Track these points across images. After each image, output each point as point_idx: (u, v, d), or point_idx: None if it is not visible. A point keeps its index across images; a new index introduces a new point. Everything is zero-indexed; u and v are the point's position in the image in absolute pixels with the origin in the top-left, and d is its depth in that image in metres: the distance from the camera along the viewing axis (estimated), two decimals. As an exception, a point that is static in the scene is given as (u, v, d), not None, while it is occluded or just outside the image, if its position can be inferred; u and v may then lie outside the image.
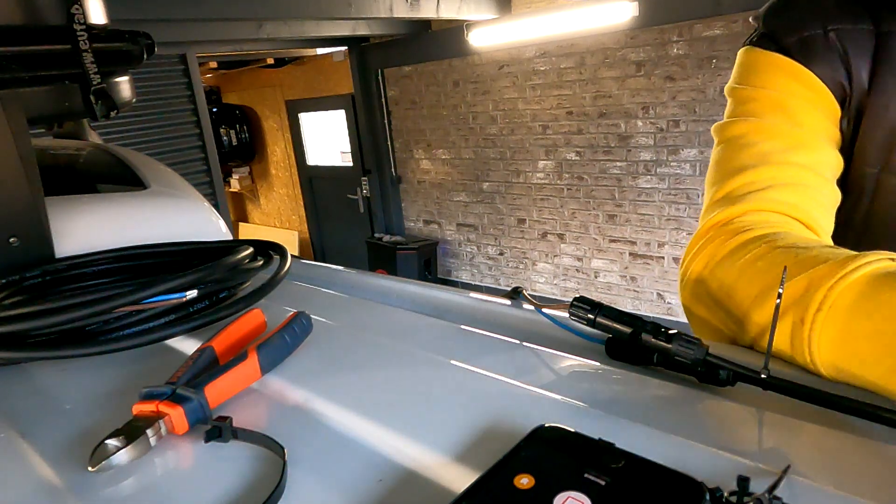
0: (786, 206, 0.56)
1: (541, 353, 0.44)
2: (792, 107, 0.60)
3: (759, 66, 0.63)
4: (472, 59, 4.49)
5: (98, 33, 0.55)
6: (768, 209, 0.56)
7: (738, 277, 0.48)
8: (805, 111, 0.60)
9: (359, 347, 0.47)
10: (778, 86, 0.61)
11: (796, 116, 0.60)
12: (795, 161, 0.58)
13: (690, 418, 0.35)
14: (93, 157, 0.94)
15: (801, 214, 0.56)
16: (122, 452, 0.32)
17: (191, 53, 4.09)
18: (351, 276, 0.72)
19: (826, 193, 0.59)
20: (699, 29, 3.40)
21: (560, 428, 0.30)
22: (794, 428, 0.32)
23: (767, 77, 0.62)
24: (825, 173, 0.59)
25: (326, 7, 3.31)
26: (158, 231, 0.69)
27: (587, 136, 4.08)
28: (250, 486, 0.31)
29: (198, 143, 4.25)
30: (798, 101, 0.61)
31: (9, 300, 0.52)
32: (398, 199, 5.60)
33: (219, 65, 6.20)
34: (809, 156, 0.59)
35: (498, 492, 0.26)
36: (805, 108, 0.60)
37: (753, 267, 0.48)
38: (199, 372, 0.39)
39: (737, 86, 0.64)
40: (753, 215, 0.55)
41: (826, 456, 0.30)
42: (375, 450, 0.33)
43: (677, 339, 0.38)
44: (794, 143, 0.59)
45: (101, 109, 0.55)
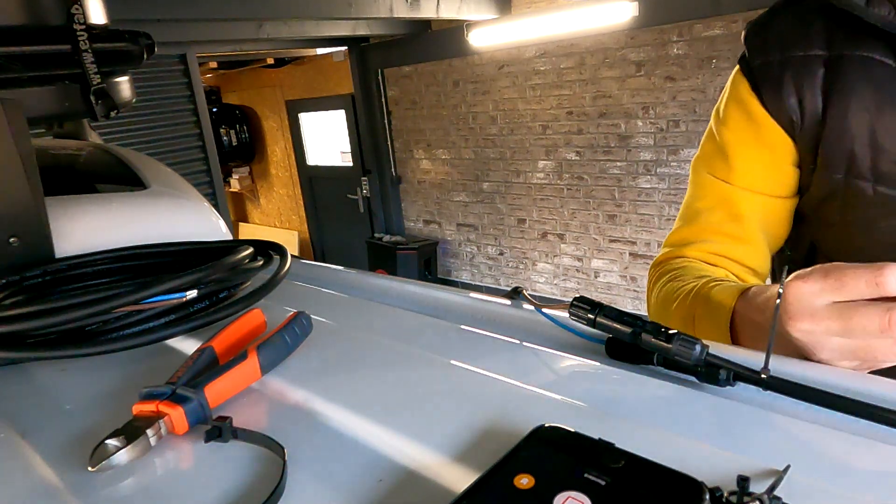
0: (706, 254, 0.72)
1: (541, 353, 0.44)
2: (736, 153, 0.71)
3: (730, 94, 0.72)
4: (472, 59, 4.49)
5: (98, 33, 0.55)
6: (693, 256, 0.73)
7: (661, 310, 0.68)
8: (746, 157, 0.70)
9: (359, 347, 0.47)
10: (734, 125, 0.71)
11: (736, 165, 0.71)
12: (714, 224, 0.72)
13: (690, 418, 0.35)
14: (93, 157, 0.94)
15: (719, 260, 0.72)
16: (122, 452, 0.32)
17: (191, 53, 4.09)
18: (351, 276, 0.72)
19: (747, 241, 0.71)
20: (699, 29, 3.40)
21: (560, 428, 0.30)
22: (794, 428, 0.32)
23: (729, 111, 0.72)
24: (744, 226, 0.71)
25: (326, 7, 3.31)
26: (158, 231, 0.69)
27: (587, 136, 4.08)
28: (250, 486, 0.31)
29: (198, 143, 4.25)
30: (744, 148, 0.71)
31: (9, 300, 0.52)
32: (398, 199, 5.60)
33: (219, 65, 6.20)
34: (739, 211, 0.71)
35: (498, 492, 0.26)
36: (748, 154, 0.70)
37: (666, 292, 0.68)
38: (199, 372, 0.39)
39: (714, 114, 0.74)
40: (671, 263, 0.73)
41: (826, 456, 0.30)
42: (375, 450, 0.33)
43: (677, 339, 0.38)
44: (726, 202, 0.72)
45: (101, 109, 0.55)
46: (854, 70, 0.63)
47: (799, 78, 0.65)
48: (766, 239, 0.73)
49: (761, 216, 0.71)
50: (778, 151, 0.69)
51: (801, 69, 0.65)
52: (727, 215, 0.72)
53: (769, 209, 0.72)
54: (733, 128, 0.71)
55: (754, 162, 0.70)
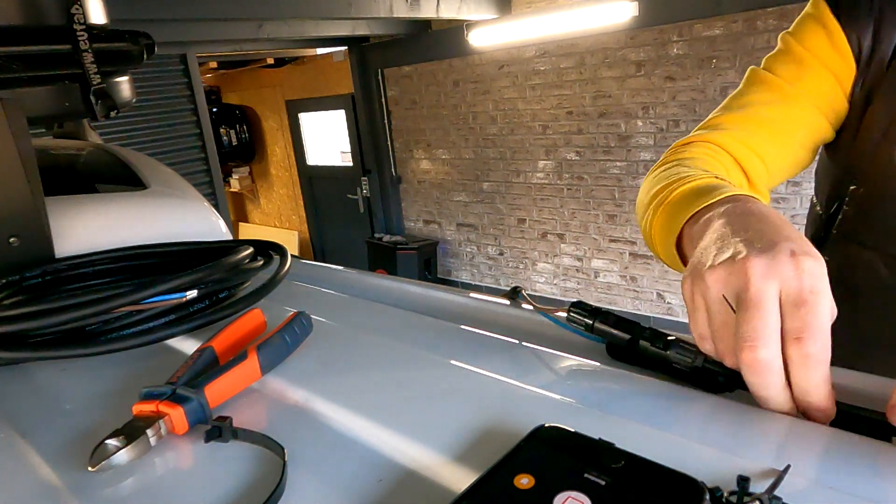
0: (727, 145, 0.69)
1: (541, 353, 0.44)
2: (805, 69, 0.69)
3: (806, 12, 0.71)
4: (472, 59, 4.49)
5: (98, 33, 0.55)
6: (713, 142, 0.70)
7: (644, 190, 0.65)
8: (814, 75, 0.68)
9: (359, 347, 0.47)
10: (810, 42, 0.69)
11: (803, 78, 0.69)
12: (767, 116, 0.70)
13: (690, 418, 0.35)
14: (93, 157, 0.94)
15: (737, 154, 0.69)
16: (122, 452, 0.32)
17: (191, 53, 4.09)
18: (351, 276, 0.72)
19: (778, 143, 0.70)
20: (699, 29, 3.40)
21: (560, 428, 0.30)
22: (794, 428, 0.32)
23: (806, 26, 0.70)
24: (790, 130, 0.70)
25: (326, 7, 3.31)
26: (158, 231, 0.69)
27: (587, 136, 4.08)
28: (250, 486, 0.31)
29: (198, 143, 4.25)
30: (814, 65, 0.68)
31: (9, 300, 0.52)
32: (398, 199, 5.60)
33: (219, 65, 6.20)
34: (785, 113, 0.70)
35: (498, 492, 0.26)
36: (816, 72, 0.68)
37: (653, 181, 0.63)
38: (199, 372, 0.39)
39: (787, 34, 0.72)
40: (697, 146, 0.70)
41: (826, 456, 0.30)
42: (375, 450, 0.33)
43: (675, 347, 0.38)
44: (780, 99, 0.70)
45: (101, 109, 0.55)
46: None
47: (886, 14, 0.64)
48: (801, 153, 0.71)
49: (810, 129, 0.70)
50: (843, 77, 0.68)
51: (890, 7, 0.63)
52: (780, 115, 0.69)
53: (819, 126, 0.70)
54: (807, 42, 0.69)
55: (822, 79, 0.68)
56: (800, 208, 3.25)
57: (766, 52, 0.75)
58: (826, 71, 0.68)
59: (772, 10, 3.07)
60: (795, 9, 3.00)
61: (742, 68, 3.26)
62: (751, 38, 3.19)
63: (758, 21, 3.14)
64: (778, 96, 0.70)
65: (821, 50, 0.68)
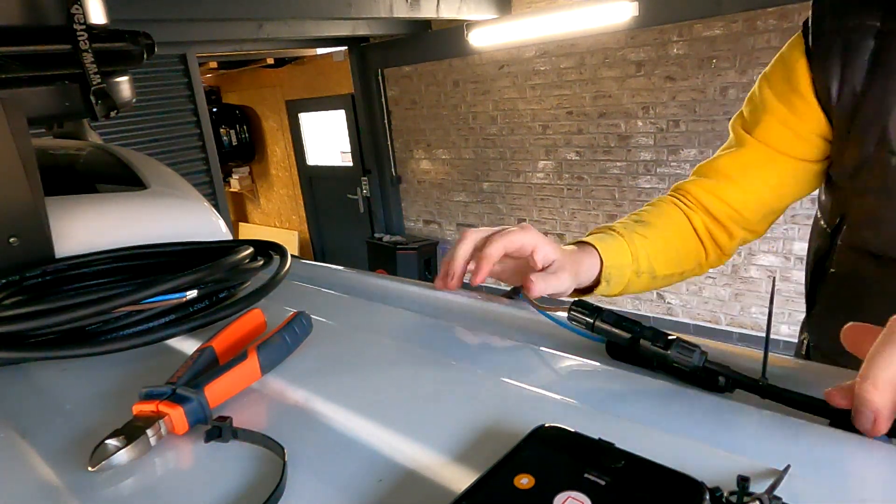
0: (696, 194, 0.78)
1: (541, 353, 0.44)
2: (764, 114, 0.74)
3: (781, 53, 0.73)
4: (472, 59, 4.49)
5: (98, 33, 0.55)
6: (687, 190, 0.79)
7: None
8: (771, 118, 0.73)
9: (359, 347, 0.47)
10: (774, 82, 0.73)
11: (759, 122, 0.74)
12: (725, 164, 0.78)
13: (690, 418, 0.35)
14: (93, 157, 0.94)
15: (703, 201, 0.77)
16: (122, 452, 0.32)
17: (191, 53, 4.09)
18: (351, 276, 0.72)
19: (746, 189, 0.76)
20: (699, 29, 3.40)
21: (560, 428, 0.30)
22: (794, 428, 0.32)
23: (774, 68, 0.74)
24: (748, 174, 0.76)
25: (326, 7, 3.31)
26: (158, 231, 0.69)
27: (587, 136, 4.08)
28: (250, 486, 0.31)
29: (198, 143, 4.25)
30: (772, 108, 0.73)
31: (9, 300, 0.52)
32: (398, 199, 5.60)
33: (219, 65, 6.20)
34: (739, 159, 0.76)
35: (498, 492, 0.26)
36: (774, 116, 0.73)
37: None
38: (199, 372, 0.39)
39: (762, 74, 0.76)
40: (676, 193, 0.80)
41: (826, 456, 0.30)
42: (375, 450, 0.33)
43: (676, 346, 0.38)
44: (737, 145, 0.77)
45: (101, 109, 0.55)
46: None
47: (848, 47, 0.64)
48: (769, 191, 0.76)
49: (770, 170, 0.75)
50: (806, 121, 0.71)
51: (852, 38, 0.64)
52: (735, 161, 0.76)
53: (781, 167, 0.74)
54: (773, 86, 0.73)
55: (779, 124, 0.73)
56: (800, 208, 3.25)
57: (766, 51, 0.76)
58: (784, 114, 0.72)
59: (772, 10, 3.07)
60: (795, 9, 3.00)
61: (742, 68, 3.26)
62: (751, 38, 3.19)
63: (758, 21, 3.14)
64: (735, 143, 0.77)
65: (782, 94, 0.72)
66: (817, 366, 0.45)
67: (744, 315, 3.75)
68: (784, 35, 3.03)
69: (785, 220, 3.39)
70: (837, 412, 0.34)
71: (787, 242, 3.47)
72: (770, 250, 3.54)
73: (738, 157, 0.76)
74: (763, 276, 3.61)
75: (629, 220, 0.73)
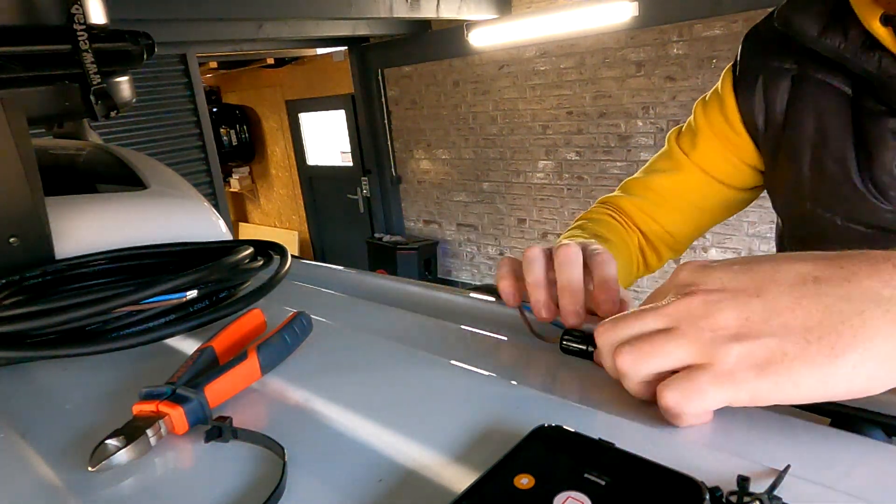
0: (628, 210, 0.82)
1: (541, 353, 0.44)
2: (699, 140, 0.77)
3: (717, 87, 0.77)
4: (472, 59, 4.49)
5: (98, 33, 0.55)
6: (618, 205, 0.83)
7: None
8: (707, 145, 0.77)
9: (359, 347, 0.47)
10: (709, 113, 0.77)
11: (696, 147, 0.77)
12: (660, 184, 0.81)
13: (690, 418, 0.34)
14: (93, 157, 0.94)
15: (634, 217, 0.81)
16: (122, 452, 0.32)
17: (191, 53, 4.09)
18: (351, 276, 0.72)
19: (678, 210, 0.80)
20: (699, 29, 3.40)
21: (560, 428, 0.30)
22: (794, 428, 0.32)
23: (711, 101, 0.77)
24: (680, 196, 0.80)
25: (326, 7, 3.31)
26: (158, 231, 0.69)
27: (587, 136, 4.08)
28: (250, 486, 0.31)
29: (198, 143, 4.25)
30: (708, 136, 0.76)
31: (9, 300, 0.52)
32: (398, 199, 5.60)
33: (219, 65, 6.20)
34: (675, 181, 0.79)
35: (498, 492, 0.26)
36: (709, 143, 0.76)
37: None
38: (199, 372, 0.39)
39: (701, 99, 0.80)
40: (608, 207, 0.83)
41: (826, 456, 0.30)
42: (375, 450, 0.33)
43: None
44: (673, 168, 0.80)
45: (101, 109, 0.55)
46: (812, 92, 0.65)
47: (769, 86, 0.69)
48: (698, 214, 0.81)
49: (702, 194, 0.79)
50: (735, 149, 0.75)
51: (772, 78, 0.68)
52: (673, 183, 0.80)
53: (714, 192, 0.78)
54: (708, 115, 0.76)
55: (715, 151, 0.76)
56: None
57: (766, 52, 0.76)
58: (718, 143, 0.76)
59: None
60: (795, 9, 3.00)
61: (742, 68, 3.26)
62: (751, 38, 3.18)
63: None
64: (672, 165, 0.80)
65: (715, 123, 0.75)
66: None
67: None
68: (784, 35, 3.02)
69: (785, 220, 3.39)
70: (838, 412, 0.34)
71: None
72: (770, 250, 3.54)
73: (675, 179, 0.79)
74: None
75: (587, 235, 0.72)
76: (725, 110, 0.74)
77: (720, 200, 0.79)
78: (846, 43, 0.58)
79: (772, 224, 0.72)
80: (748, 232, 3.60)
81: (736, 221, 3.57)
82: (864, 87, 0.61)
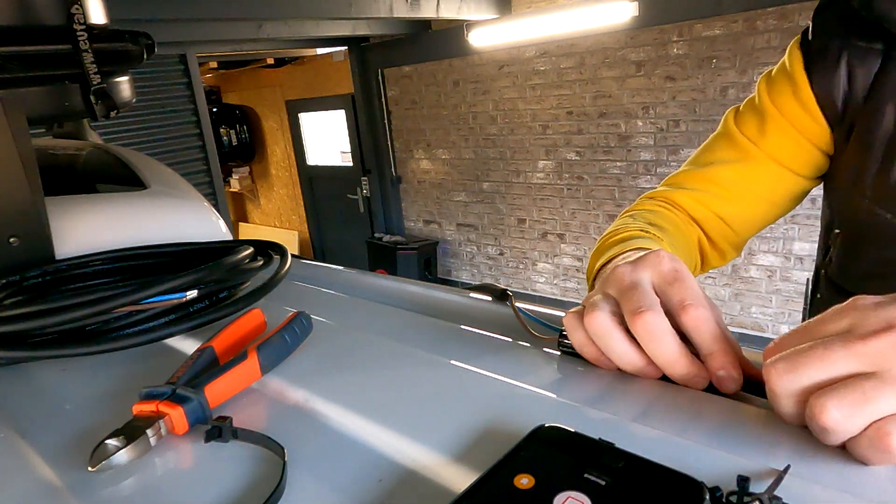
0: (685, 204, 0.74)
1: (541, 353, 0.44)
2: (769, 125, 0.70)
3: (782, 65, 0.70)
4: (472, 59, 4.49)
5: (98, 33, 0.55)
6: (672, 200, 0.74)
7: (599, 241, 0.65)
8: (777, 131, 0.70)
9: (359, 347, 0.47)
10: (778, 96, 0.69)
11: (766, 134, 0.70)
12: (726, 176, 0.73)
13: (690, 418, 0.35)
14: (93, 157, 0.94)
15: (695, 213, 0.74)
16: (122, 452, 0.32)
17: (191, 53, 4.09)
18: (351, 276, 0.72)
19: (745, 203, 0.73)
20: (699, 29, 3.40)
21: (560, 428, 0.30)
22: (794, 428, 0.32)
23: (778, 81, 0.70)
24: (749, 189, 0.72)
25: (326, 7, 3.31)
26: (158, 231, 0.69)
27: (587, 136, 4.08)
28: (250, 486, 0.31)
29: (198, 143, 4.25)
30: (778, 121, 0.70)
31: (9, 300, 0.52)
32: (398, 199, 5.60)
33: (219, 65, 6.21)
34: (744, 172, 0.72)
35: (498, 492, 0.26)
36: (780, 129, 0.70)
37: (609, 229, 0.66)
38: (199, 372, 0.39)
39: (765, 77, 0.72)
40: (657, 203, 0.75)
41: (826, 456, 0.30)
42: (375, 450, 0.33)
43: None
44: (740, 158, 0.72)
45: (101, 109, 0.55)
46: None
47: (854, 64, 0.63)
48: (767, 208, 0.74)
49: (773, 186, 0.72)
50: (809, 134, 0.69)
51: (859, 58, 0.63)
52: (739, 175, 0.72)
53: (786, 183, 0.72)
54: (778, 98, 0.69)
55: (788, 138, 0.69)
56: (800, 209, 3.25)
57: (766, 52, 0.76)
58: (790, 128, 0.69)
59: (772, 10, 3.07)
60: (795, 9, 3.00)
61: (742, 68, 3.27)
62: (751, 38, 3.19)
63: (758, 21, 3.14)
64: (739, 155, 0.72)
65: (786, 106, 0.69)
66: None
67: (744, 315, 3.75)
68: (784, 35, 3.03)
69: (785, 221, 3.39)
70: None
71: (787, 242, 3.47)
72: (770, 250, 3.54)
73: (743, 170, 0.72)
74: (763, 276, 3.61)
75: (645, 224, 0.66)
76: (799, 93, 0.67)
77: (791, 191, 0.73)
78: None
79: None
80: (748, 232, 3.59)
81: (736, 221, 3.58)
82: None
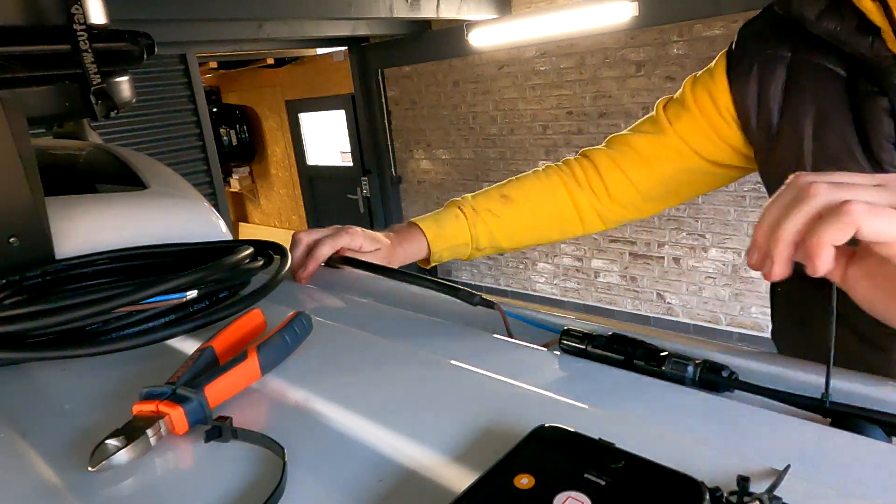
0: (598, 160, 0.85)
1: (541, 353, 0.44)
2: (685, 113, 0.79)
3: (709, 67, 0.79)
4: (472, 59, 4.49)
5: (98, 33, 0.55)
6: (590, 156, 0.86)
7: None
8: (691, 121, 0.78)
9: (359, 347, 0.47)
10: (698, 92, 0.79)
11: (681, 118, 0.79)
12: (640, 143, 0.82)
13: (690, 418, 0.35)
14: (93, 157, 0.94)
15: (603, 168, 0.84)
16: (122, 452, 0.32)
17: (191, 53, 4.09)
18: (351, 276, 0.72)
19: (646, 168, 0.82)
20: (699, 29, 3.40)
21: (560, 428, 0.30)
22: (794, 428, 0.32)
23: (702, 80, 0.79)
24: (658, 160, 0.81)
25: (326, 7, 3.31)
26: (158, 231, 0.69)
27: (587, 136, 4.08)
28: (250, 486, 0.31)
29: (198, 143, 4.25)
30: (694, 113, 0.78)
31: (9, 300, 0.52)
32: (398, 199, 5.60)
33: (219, 65, 6.20)
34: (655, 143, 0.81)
35: (498, 492, 0.26)
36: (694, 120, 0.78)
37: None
38: (199, 372, 0.39)
39: (690, 79, 0.82)
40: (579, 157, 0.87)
41: (826, 456, 0.30)
42: (375, 450, 0.33)
43: (669, 362, 0.39)
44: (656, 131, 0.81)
45: (101, 109, 0.55)
46: (809, 75, 0.67)
47: (764, 74, 0.70)
48: (675, 184, 0.82)
49: (681, 163, 0.80)
50: (720, 132, 0.77)
51: (768, 66, 0.70)
52: (652, 145, 0.82)
53: (693, 163, 0.80)
54: (696, 93, 0.79)
55: (697, 127, 0.78)
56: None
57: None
58: (703, 119, 0.77)
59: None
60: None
61: (742, 68, 3.26)
62: (751, 38, 3.18)
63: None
64: (655, 129, 0.82)
65: (704, 104, 0.77)
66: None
67: (744, 315, 3.75)
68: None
69: (785, 220, 3.38)
70: (838, 412, 0.34)
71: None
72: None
73: (655, 141, 0.81)
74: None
75: (486, 199, 0.83)
76: (715, 92, 0.76)
77: (697, 172, 0.81)
78: (842, 26, 0.61)
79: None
80: (748, 232, 3.60)
81: (736, 221, 3.57)
82: (858, 69, 0.63)
